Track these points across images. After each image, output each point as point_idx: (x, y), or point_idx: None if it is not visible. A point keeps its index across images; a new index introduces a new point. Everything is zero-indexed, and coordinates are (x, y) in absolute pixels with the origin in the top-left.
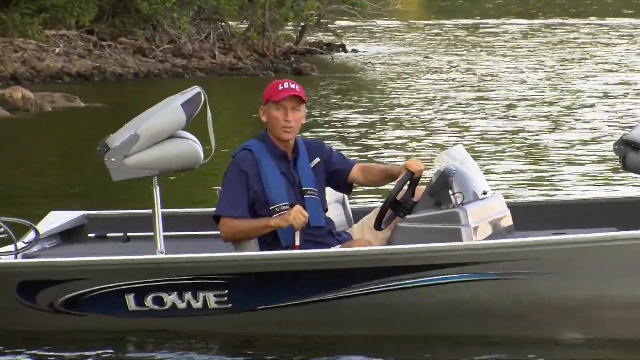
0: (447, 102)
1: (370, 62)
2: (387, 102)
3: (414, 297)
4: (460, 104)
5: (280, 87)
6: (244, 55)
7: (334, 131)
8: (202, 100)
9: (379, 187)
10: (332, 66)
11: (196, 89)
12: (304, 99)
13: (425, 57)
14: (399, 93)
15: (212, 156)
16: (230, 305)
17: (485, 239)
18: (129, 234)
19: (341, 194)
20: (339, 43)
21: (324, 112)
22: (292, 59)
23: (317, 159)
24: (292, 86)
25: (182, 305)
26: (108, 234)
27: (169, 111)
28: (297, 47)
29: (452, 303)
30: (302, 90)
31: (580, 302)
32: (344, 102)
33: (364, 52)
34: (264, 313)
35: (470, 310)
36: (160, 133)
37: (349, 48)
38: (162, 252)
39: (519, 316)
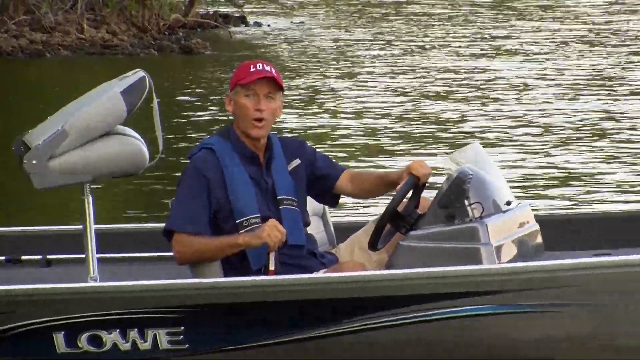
0: (383, 85)
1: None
2: (301, 86)
3: (421, 333)
4: (403, 86)
5: (252, 69)
6: (120, 29)
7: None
8: (147, 87)
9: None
10: (230, 43)
11: (139, 73)
12: (281, 84)
13: (347, 32)
14: (316, 75)
15: (159, 158)
16: (187, 345)
17: (509, 261)
18: (49, 257)
19: (321, 206)
20: (238, 15)
21: (220, 100)
22: (181, 34)
23: (297, 161)
24: (267, 68)
25: (125, 346)
26: (23, 257)
27: (105, 101)
28: (187, 19)
29: (468, 342)
30: (279, 74)
31: (635, 340)
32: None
33: (268, 26)
34: (231, 356)
35: (492, 351)
36: (95, 128)
37: (250, 21)
38: (95, 279)
39: (555, 359)
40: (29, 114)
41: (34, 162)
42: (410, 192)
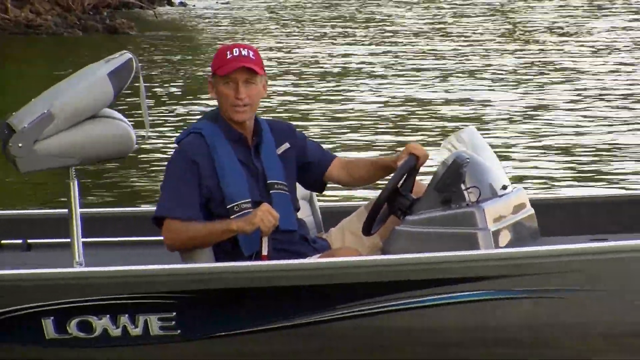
0: (314, 66)
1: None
2: None
3: (418, 320)
4: (346, 70)
5: (229, 55)
6: (44, 9)
7: (160, 109)
8: (134, 69)
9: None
10: (154, 23)
11: (126, 55)
12: (260, 69)
13: (272, 12)
14: None
15: (145, 140)
16: (179, 331)
17: (506, 245)
18: (29, 241)
19: (308, 191)
20: None
21: (145, 82)
22: (105, 14)
23: (286, 145)
24: (244, 53)
25: (116, 331)
26: (3, 241)
27: (92, 83)
28: None
29: (466, 328)
30: (259, 56)
31: (633, 326)
32: (172, 69)
33: (194, 6)
34: (223, 342)
35: (491, 337)
36: (82, 111)
37: (175, 1)
38: (81, 264)
39: (553, 344)
40: None
41: (19, 145)
42: (405, 175)
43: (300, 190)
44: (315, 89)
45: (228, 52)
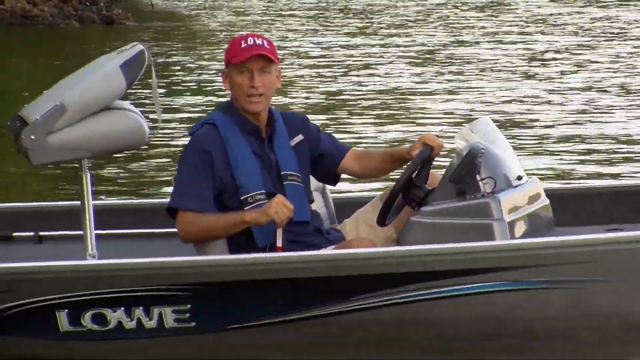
0: (316, 56)
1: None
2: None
3: (435, 311)
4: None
5: (243, 45)
6: (41, 0)
7: (165, 101)
8: (146, 60)
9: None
10: (151, 13)
11: (138, 47)
12: (275, 57)
13: (269, 2)
14: None
15: (156, 132)
16: (193, 323)
17: (521, 236)
18: (41, 233)
19: (320, 183)
20: None
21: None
22: (102, 4)
23: (300, 137)
24: (259, 42)
25: (130, 324)
26: (14, 234)
27: (104, 75)
28: None
29: (482, 320)
30: (272, 45)
31: None
32: (170, 60)
33: None
34: (238, 334)
35: (506, 329)
36: (94, 103)
37: None
38: (94, 257)
39: (571, 335)
40: None
41: (32, 137)
42: (419, 166)
43: (313, 182)
44: (326, 81)
45: (242, 42)
